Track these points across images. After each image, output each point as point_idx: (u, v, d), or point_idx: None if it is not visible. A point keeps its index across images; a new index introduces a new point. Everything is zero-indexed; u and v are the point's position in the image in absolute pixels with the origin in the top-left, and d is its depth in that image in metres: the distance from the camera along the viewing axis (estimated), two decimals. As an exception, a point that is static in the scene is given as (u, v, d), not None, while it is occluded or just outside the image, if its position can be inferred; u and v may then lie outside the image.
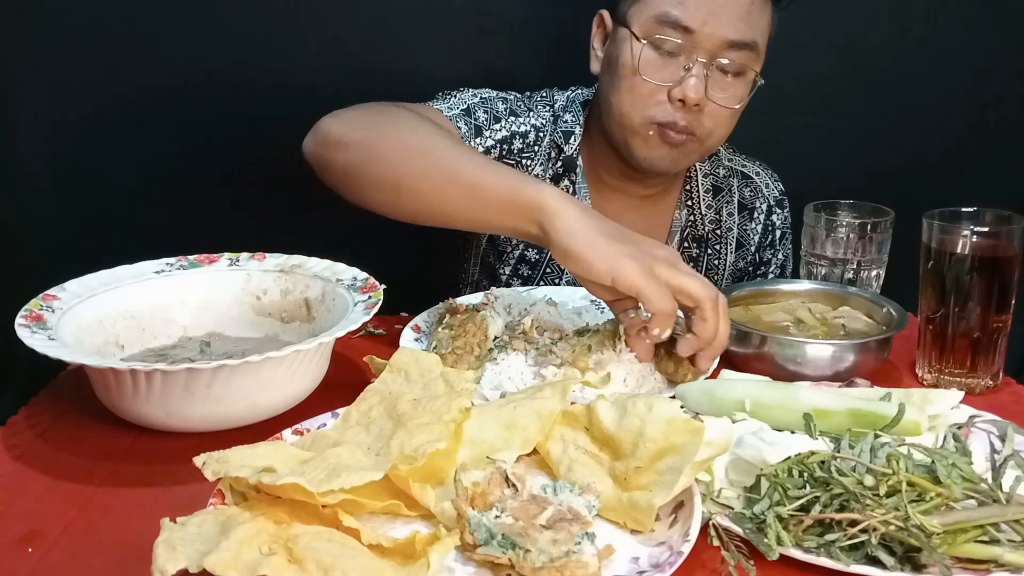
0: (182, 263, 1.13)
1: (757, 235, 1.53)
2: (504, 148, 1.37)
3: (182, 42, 1.62)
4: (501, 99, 1.39)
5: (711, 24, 1.24)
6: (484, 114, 1.35)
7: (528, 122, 1.39)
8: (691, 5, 1.25)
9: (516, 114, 1.39)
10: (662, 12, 1.26)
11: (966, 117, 1.84)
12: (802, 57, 1.74)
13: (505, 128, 1.37)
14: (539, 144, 1.41)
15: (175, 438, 0.92)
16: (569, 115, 1.43)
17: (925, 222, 1.08)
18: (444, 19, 1.67)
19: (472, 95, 1.37)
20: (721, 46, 1.26)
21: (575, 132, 1.42)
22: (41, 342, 0.90)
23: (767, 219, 1.53)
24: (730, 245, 1.51)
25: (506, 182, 1.06)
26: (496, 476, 0.74)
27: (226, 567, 0.63)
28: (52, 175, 1.64)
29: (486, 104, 1.36)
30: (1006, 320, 1.07)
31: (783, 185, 1.56)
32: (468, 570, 0.71)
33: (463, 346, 1.07)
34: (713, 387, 0.96)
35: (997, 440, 0.86)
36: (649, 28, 1.27)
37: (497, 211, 1.06)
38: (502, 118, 1.37)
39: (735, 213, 1.51)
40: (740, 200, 1.51)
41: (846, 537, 0.73)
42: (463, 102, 1.35)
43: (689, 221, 1.49)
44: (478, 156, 1.16)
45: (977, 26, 1.80)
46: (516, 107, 1.40)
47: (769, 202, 1.53)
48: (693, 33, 1.25)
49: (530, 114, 1.40)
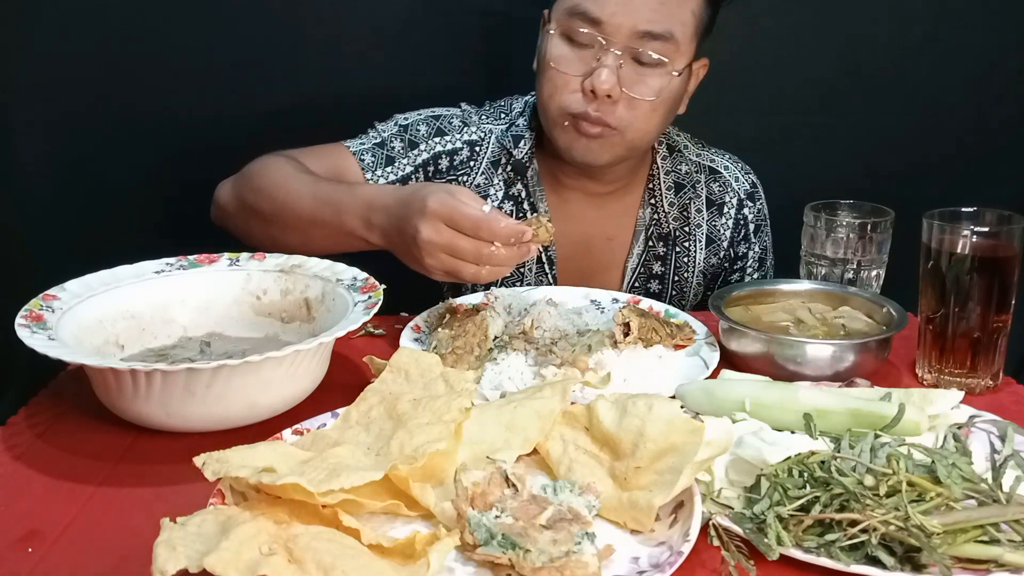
0: (182, 263, 1.13)
1: (728, 230, 1.51)
2: (430, 168, 1.41)
3: (182, 42, 1.62)
4: (429, 120, 1.43)
5: (620, 15, 1.25)
6: (400, 143, 1.40)
7: (460, 139, 1.43)
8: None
9: (444, 133, 1.42)
10: (574, 3, 1.27)
11: (966, 117, 1.84)
12: (802, 57, 1.74)
13: (426, 151, 1.41)
14: (476, 158, 1.44)
15: (175, 438, 0.92)
16: (522, 119, 1.45)
17: (925, 222, 1.08)
18: (444, 19, 1.67)
19: (394, 124, 1.42)
20: (632, 36, 1.26)
21: (525, 136, 1.43)
22: (41, 342, 0.90)
23: (738, 213, 1.51)
24: (699, 242, 1.50)
25: (330, 223, 1.18)
26: (496, 476, 0.74)
27: (226, 567, 0.63)
28: (52, 175, 1.65)
29: (407, 131, 1.41)
30: (1006, 320, 1.07)
31: (785, 188, 1.55)
32: (468, 570, 0.71)
33: (463, 346, 1.08)
34: (713, 387, 0.96)
35: (997, 440, 0.87)
36: (562, 20, 1.29)
37: (345, 243, 1.18)
38: (420, 142, 1.41)
39: (703, 209, 1.50)
40: (708, 196, 1.49)
41: (846, 537, 0.73)
42: (381, 134, 1.41)
43: (653, 219, 1.48)
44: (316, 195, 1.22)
45: (977, 26, 1.80)
46: (446, 125, 1.43)
47: (739, 195, 1.51)
48: (602, 24, 1.25)
49: (466, 130, 1.44)
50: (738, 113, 1.72)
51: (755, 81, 1.74)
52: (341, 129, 1.42)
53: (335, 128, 1.42)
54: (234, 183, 1.33)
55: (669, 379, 1.05)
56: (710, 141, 1.53)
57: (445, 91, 1.51)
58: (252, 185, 1.28)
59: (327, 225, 1.19)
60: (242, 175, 1.32)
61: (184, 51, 1.62)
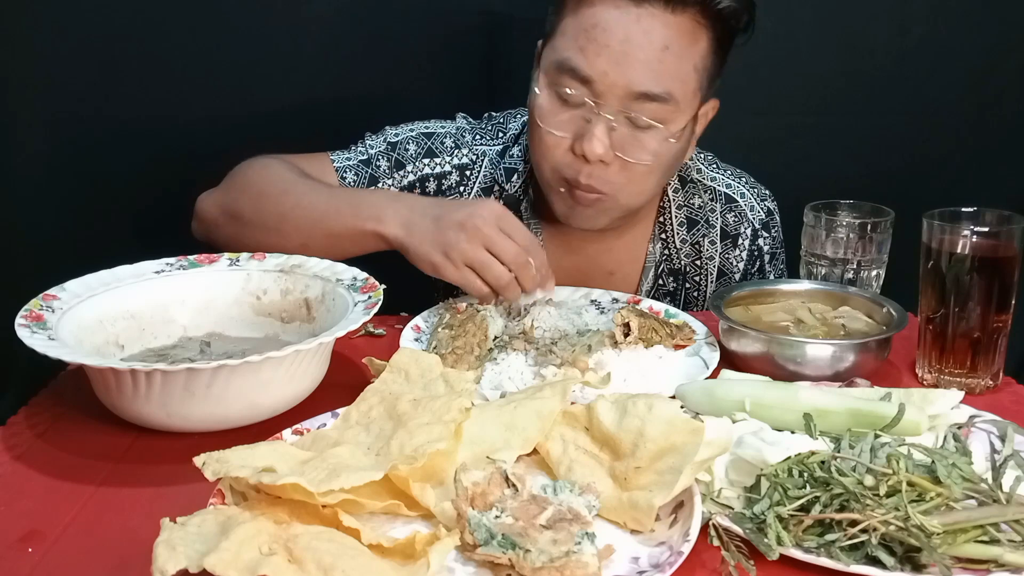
0: (182, 263, 1.13)
1: (742, 263, 1.43)
2: (416, 191, 1.35)
3: (182, 43, 1.62)
4: (418, 140, 1.36)
5: (613, 74, 1.14)
6: (386, 163, 1.33)
7: (450, 162, 1.36)
8: (591, 52, 1.14)
9: (434, 154, 1.35)
10: (563, 58, 1.17)
11: (966, 117, 1.84)
12: (802, 57, 1.74)
13: (412, 173, 1.34)
14: (467, 183, 1.37)
15: (175, 438, 0.92)
16: (516, 149, 1.37)
17: (925, 222, 1.08)
18: (444, 19, 1.67)
19: (383, 141, 1.35)
20: (626, 97, 1.15)
21: (519, 170, 1.36)
22: (41, 342, 0.90)
23: (752, 245, 1.43)
24: (711, 275, 1.42)
25: (343, 221, 1.16)
26: (496, 476, 0.74)
27: (226, 567, 0.63)
28: (52, 175, 1.65)
29: (395, 150, 1.34)
30: (1006, 320, 1.07)
31: (785, 188, 1.54)
32: (468, 570, 0.71)
33: (463, 346, 1.08)
34: (713, 387, 0.96)
35: (997, 440, 0.86)
36: (551, 75, 1.19)
37: (352, 243, 1.16)
38: (408, 163, 1.34)
39: (717, 241, 1.41)
40: (723, 227, 1.41)
41: (846, 537, 0.73)
42: (368, 150, 1.35)
43: (664, 255, 1.41)
44: (325, 198, 1.20)
45: (977, 26, 1.80)
46: (437, 146, 1.36)
47: (754, 226, 1.43)
48: (592, 83, 1.15)
49: (456, 152, 1.36)
50: (738, 113, 1.71)
51: (754, 81, 1.74)
52: (341, 130, 1.42)
53: (335, 128, 1.42)
54: (224, 192, 1.27)
55: (669, 379, 1.05)
56: (710, 141, 1.52)
57: (444, 91, 1.51)
58: (253, 191, 1.24)
59: (339, 223, 1.16)
60: (234, 183, 1.27)
61: (184, 52, 1.62)
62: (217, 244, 1.26)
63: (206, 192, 1.30)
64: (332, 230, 1.17)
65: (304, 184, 1.23)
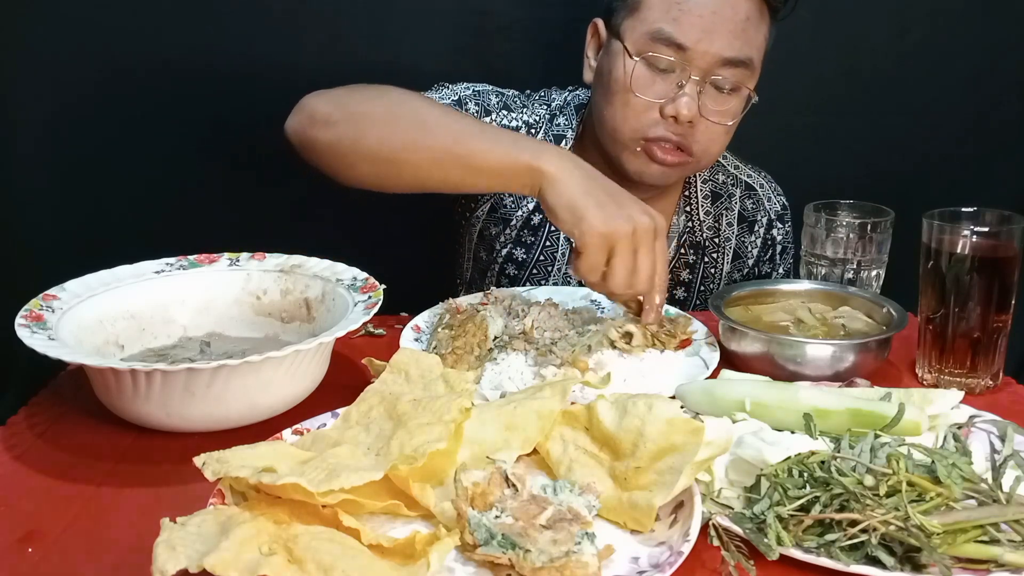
0: (182, 263, 1.13)
1: (756, 248, 1.52)
2: None
3: (181, 42, 1.62)
4: (496, 93, 1.42)
5: (705, 42, 1.23)
6: (475, 107, 1.38)
7: (520, 118, 1.42)
8: (685, 22, 1.23)
9: (509, 108, 1.41)
10: (656, 29, 1.24)
11: (966, 117, 1.85)
12: (802, 57, 1.74)
13: (495, 121, 1.39)
14: None
15: (175, 438, 0.92)
16: (563, 118, 1.43)
17: (925, 222, 1.08)
18: (444, 19, 1.67)
19: (465, 88, 1.41)
20: (715, 63, 1.25)
21: (567, 136, 1.42)
22: (41, 342, 0.90)
23: (767, 233, 1.52)
24: (727, 255, 1.50)
25: (502, 149, 1.10)
26: (496, 476, 0.74)
27: (226, 567, 0.63)
28: (52, 175, 1.65)
29: (478, 97, 1.39)
30: (1006, 320, 1.07)
31: (784, 188, 1.55)
32: (468, 570, 0.71)
33: (463, 346, 1.08)
34: (713, 387, 0.96)
35: (997, 440, 0.87)
36: (642, 44, 1.26)
37: (495, 177, 1.11)
38: (493, 111, 1.40)
39: (734, 224, 1.50)
40: (741, 211, 1.50)
41: (846, 537, 0.73)
42: (455, 93, 1.39)
43: (687, 227, 1.48)
44: (473, 122, 1.19)
45: (977, 26, 1.80)
46: (511, 103, 1.42)
47: (770, 216, 1.52)
48: (687, 50, 1.24)
49: (524, 110, 1.42)
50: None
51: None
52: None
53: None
54: (349, 93, 1.20)
55: (669, 379, 1.05)
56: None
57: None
58: (388, 98, 1.18)
59: (487, 147, 1.10)
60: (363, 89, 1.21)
61: (184, 51, 1.62)
62: (316, 144, 1.19)
63: (316, 92, 1.23)
64: (475, 152, 1.11)
65: (445, 107, 1.23)
